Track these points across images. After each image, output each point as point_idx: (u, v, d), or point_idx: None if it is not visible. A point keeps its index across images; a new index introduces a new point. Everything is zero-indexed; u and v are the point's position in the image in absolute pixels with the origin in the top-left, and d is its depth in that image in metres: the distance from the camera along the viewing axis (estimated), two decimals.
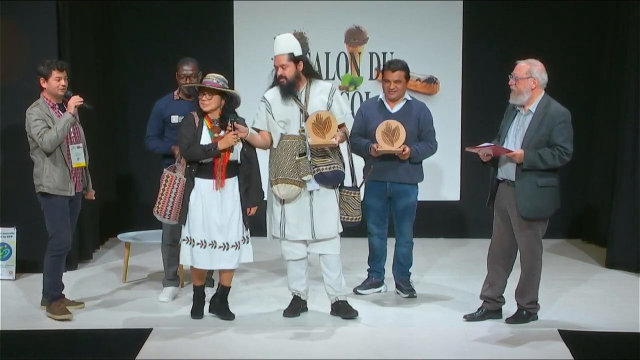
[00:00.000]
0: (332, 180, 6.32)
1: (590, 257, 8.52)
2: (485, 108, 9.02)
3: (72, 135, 6.45)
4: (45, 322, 6.37)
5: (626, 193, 7.96)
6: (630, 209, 7.91)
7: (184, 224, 6.27)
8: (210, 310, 6.53)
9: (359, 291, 7.11)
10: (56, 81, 6.38)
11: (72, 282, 7.33)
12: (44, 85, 6.43)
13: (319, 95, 6.39)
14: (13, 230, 7.63)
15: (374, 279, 7.16)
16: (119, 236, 7.85)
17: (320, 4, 9.24)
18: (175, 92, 7.00)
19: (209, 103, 6.24)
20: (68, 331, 6.20)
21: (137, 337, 6.01)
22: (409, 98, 7.01)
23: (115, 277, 6.72)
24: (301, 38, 6.37)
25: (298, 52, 6.34)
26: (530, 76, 6.13)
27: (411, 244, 7.07)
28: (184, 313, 6.63)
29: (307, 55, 6.43)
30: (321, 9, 9.22)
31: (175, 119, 6.88)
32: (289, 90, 6.32)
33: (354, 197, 6.39)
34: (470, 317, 6.43)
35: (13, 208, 7.67)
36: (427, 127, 6.95)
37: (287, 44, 6.33)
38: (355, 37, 9.36)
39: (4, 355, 5.67)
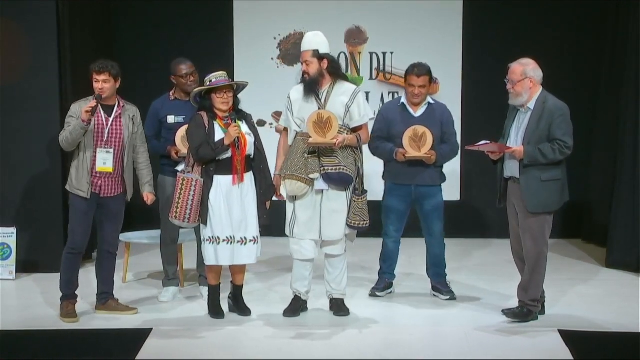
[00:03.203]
0: (336, 181, 6.30)
1: (590, 257, 8.52)
2: (485, 108, 9.03)
3: (105, 138, 6.32)
4: (45, 322, 6.37)
5: (626, 193, 7.96)
6: (630, 209, 7.91)
7: (205, 225, 6.27)
8: (229, 310, 6.56)
9: (377, 294, 7.03)
10: (95, 82, 6.30)
11: None
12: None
13: (341, 96, 6.34)
14: (13, 230, 7.64)
15: (387, 280, 7.11)
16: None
17: (320, 4, 9.24)
18: (171, 92, 6.97)
19: (230, 99, 6.26)
20: (68, 331, 6.19)
21: (137, 337, 6.00)
22: (432, 101, 6.94)
23: (115, 277, 6.72)
24: (301, 38, 6.34)
25: (324, 49, 6.32)
26: (526, 77, 6.16)
27: (444, 245, 6.96)
28: (184, 313, 6.63)
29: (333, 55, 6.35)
30: (321, 9, 9.22)
31: (171, 119, 6.86)
32: (310, 87, 6.31)
33: (356, 202, 6.37)
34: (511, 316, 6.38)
35: (13, 208, 7.68)
36: (450, 130, 6.92)
37: (312, 41, 6.32)
38: (355, 37, 9.35)
39: (4, 355, 5.67)
